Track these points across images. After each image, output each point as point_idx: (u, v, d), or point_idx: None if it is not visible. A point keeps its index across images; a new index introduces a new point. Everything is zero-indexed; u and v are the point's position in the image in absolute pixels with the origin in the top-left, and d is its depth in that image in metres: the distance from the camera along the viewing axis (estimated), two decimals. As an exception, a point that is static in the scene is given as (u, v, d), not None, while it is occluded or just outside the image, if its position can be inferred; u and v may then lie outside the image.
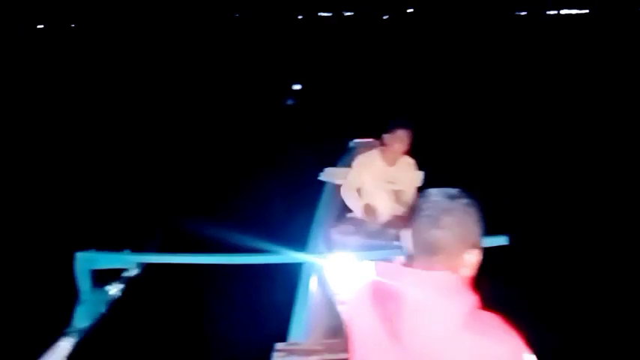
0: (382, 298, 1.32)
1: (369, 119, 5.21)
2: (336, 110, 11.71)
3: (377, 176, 3.86)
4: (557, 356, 3.13)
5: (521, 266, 4.29)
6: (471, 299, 1.25)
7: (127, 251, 3.25)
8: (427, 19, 66.32)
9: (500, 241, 3.29)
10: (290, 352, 2.48)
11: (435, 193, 1.32)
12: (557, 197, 6.23)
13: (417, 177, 3.99)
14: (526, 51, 26.02)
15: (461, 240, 1.27)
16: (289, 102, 12.93)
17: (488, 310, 1.26)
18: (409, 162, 3.96)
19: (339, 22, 69.07)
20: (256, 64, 21.74)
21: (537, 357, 1.21)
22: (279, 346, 2.54)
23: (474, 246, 1.29)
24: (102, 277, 3.16)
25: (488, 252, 3.28)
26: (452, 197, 1.30)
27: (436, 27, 49.18)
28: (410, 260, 1.35)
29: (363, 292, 1.41)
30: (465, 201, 1.30)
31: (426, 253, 1.29)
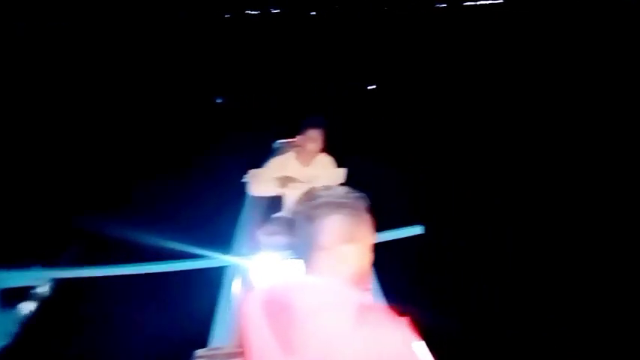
0: (274, 309, 1.31)
1: (294, 119, 5.19)
2: (262, 110, 11.60)
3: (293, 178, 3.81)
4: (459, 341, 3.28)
5: (437, 254, 4.44)
6: (359, 296, 1.27)
7: (38, 267, 3.12)
8: (350, 15, 66.73)
9: (416, 230, 3.42)
10: (210, 358, 2.45)
11: (314, 191, 1.34)
12: (472, 186, 6.45)
13: (337, 174, 3.99)
14: (446, 42, 26.79)
15: (337, 235, 1.28)
16: (218, 100, 12.71)
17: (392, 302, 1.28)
18: (326, 160, 3.92)
19: (267, 20, 68.50)
20: (181, 64, 21.23)
21: (436, 343, 1.25)
22: (198, 352, 2.50)
23: (353, 240, 1.30)
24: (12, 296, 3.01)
25: (405, 241, 3.40)
26: (326, 191, 1.32)
27: (359, 22, 49.60)
28: (298, 258, 1.37)
29: (255, 304, 1.38)
30: (343, 197, 1.31)
31: (307, 249, 1.30)
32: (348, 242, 1.29)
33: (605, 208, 5.55)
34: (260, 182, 3.76)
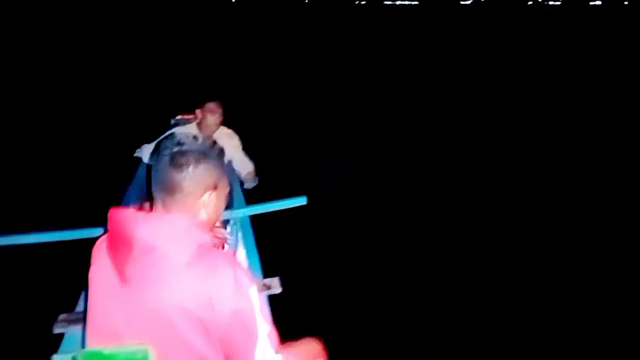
0: (116, 244, 1.31)
1: (191, 95, 5.13)
2: (159, 87, 11.03)
3: None
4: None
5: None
6: (201, 239, 1.29)
7: None
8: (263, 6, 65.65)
9: (300, 201, 3.49)
10: (70, 322, 2.39)
11: (177, 135, 1.37)
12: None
13: (239, 145, 4.10)
14: (364, 40, 27.22)
15: (198, 180, 1.32)
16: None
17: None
18: (227, 132, 4.03)
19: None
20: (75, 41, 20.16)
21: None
22: (61, 316, 2.44)
23: (213, 188, 1.35)
24: None
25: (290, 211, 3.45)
26: (193, 139, 1.35)
27: (270, 14, 48.86)
28: (150, 201, 1.37)
29: (101, 241, 1.40)
30: (208, 147, 1.36)
31: (164, 192, 1.32)
32: (211, 190, 1.34)
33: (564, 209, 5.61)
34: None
